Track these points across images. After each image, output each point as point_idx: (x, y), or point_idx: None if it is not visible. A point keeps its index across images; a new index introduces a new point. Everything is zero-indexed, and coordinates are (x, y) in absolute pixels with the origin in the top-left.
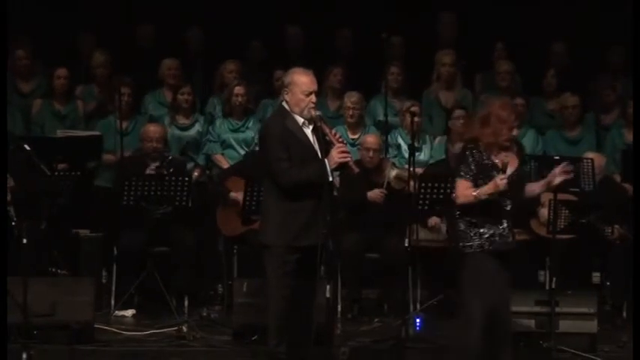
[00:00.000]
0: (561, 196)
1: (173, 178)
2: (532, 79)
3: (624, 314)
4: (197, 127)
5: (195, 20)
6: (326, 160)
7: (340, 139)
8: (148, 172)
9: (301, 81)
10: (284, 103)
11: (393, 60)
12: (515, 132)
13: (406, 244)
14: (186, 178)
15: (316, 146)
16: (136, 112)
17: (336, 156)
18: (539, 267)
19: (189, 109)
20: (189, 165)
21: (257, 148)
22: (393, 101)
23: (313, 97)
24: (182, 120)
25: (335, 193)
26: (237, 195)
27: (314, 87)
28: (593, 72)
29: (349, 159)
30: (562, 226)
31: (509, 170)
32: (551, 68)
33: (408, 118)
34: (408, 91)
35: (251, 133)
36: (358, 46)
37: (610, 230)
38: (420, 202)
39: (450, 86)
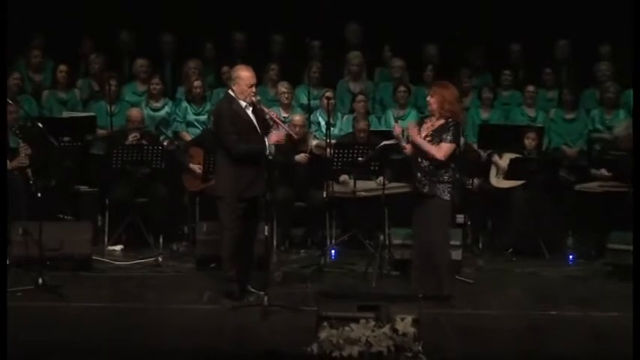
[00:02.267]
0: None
1: (150, 147)
2: (415, 72)
3: (480, 246)
4: (166, 109)
5: (167, 27)
6: (265, 138)
7: (277, 117)
8: (130, 142)
9: (245, 75)
10: (231, 92)
11: (314, 59)
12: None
13: (324, 195)
14: (160, 147)
15: (256, 123)
16: (121, 99)
17: (273, 138)
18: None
19: (160, 95)
20: (162, 137)
21: (210, 126)
22: (313, 89)
23: (254, 88)
24: (155, 103)
25: (270, 157)
26: (195, 167)
27: (254, 80)
28: (459, 67)
29: (282, 140)
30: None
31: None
32: (429, 64)
33: (325, 101)
34: (324, 82)
35: (207, 115)
36: (288, 47)
37: (470, 182)
38: (334, 164)
39: (357, 78)
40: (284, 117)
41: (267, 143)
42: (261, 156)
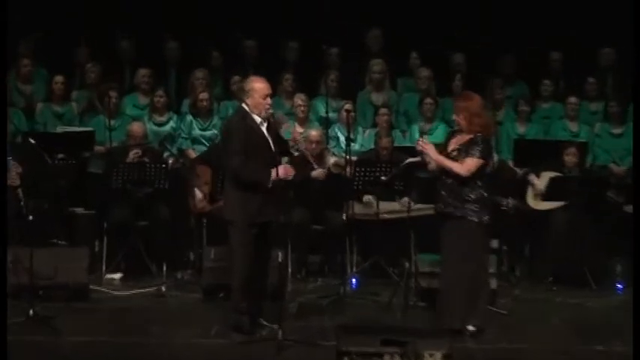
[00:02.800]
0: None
1: (153, 165)
2: (442, 81)
3: (516, 274)
4: (171, 124)
5: (171, 34)
6: (278, 168)
7: (297, 139)
8: (130, 160)
9: (259, 87)
10: (244, 105)
11: (332, 67)
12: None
13: (344, 218)
14: (163, 165)
15: (270, 140)
16: (121, 112)
17: (281, 172)
18: None
19: (164, 109)
20: (166, 154)
21: (219, 142)
22: (332, 101)
23: (269, 100)
24: (158, 118)
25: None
26: (197, 192)
27: (269, 91)
28: (489, 77)
29: (290, 176)
30: None
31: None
32: (457, 74)
33: (344, 115)
34: (344, 93)
35: (215, 130)
36: (304, 55)
37: (505, 203)
38: (355, 183)
39: (380, 89)
40: (299, 132)
41: (272, 174)
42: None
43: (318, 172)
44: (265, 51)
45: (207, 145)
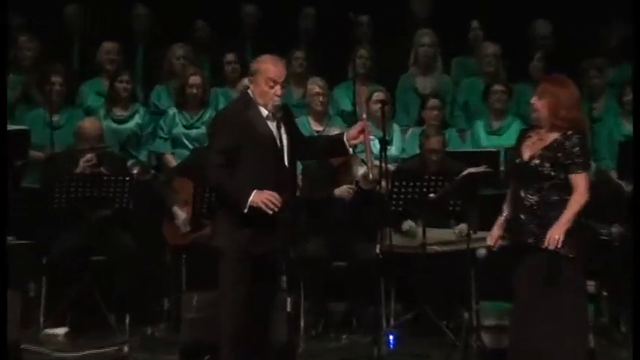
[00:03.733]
0: None
1: (112, 178)
2: (517, 62)
3: (622, 329)
4: (137, 119)
5: None
6: (254, 192)
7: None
8: (81, 170)
9: (266, 68)
10: (250, 91)
11: (362, 42)
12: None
13: (377, 251)
14: (127, 177)
15: (279, 141)
16: (69, 104)
17: (258, 199)
18: None
19: (128, 99)
20: (130, 162)
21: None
22: (361, 89)
23: (278, 89)
24: (120, 111)
25: (297, 193)
26: (179, 211)
27: (279, 77)
28: (584, 55)
29: (268, 210)
30: None
31: None
32: (537, 50)
33: (378, 107)
34: (377, 77)
35: (204, 130)
36: (322, 25)
37: (606, 231)
38: (394, 202)
39: (428, 71)
40: (316, 131)
41: (248, 202)
42: (282, 187)
43: (341, 190)
44: (270, 20)
45: (191, 148)
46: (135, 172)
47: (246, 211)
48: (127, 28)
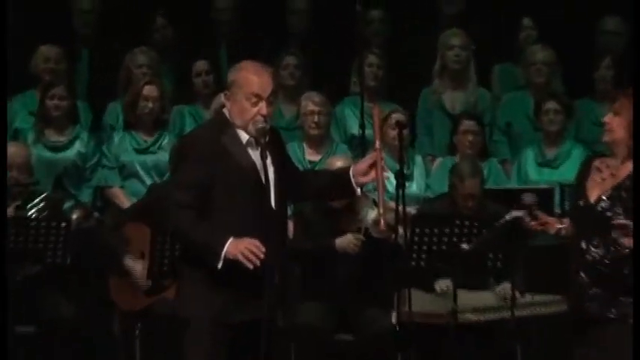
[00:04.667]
0: None
1: (43, 224)
2: (576, 69)
3: None
4: (77, 147)
5: None
6: (230, 240)
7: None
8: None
9: (247, 81)
10: (225, 111)
11: (372, 45)
12: None
13: (394, 320)
14: (63, 224)
15: (264, 174)
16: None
17: (236, 250)
18: None
19: (65, 120)
20: (68, 204)
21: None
22: (371, 106)
23: (262, 107)
24: (54, 136)
25: (287, 243)
26: (132, 264)
27: (264, 91)
28: None
29: (248, 264)
30: None
31: None
32: (605, 56)
33: (393, 132)
34: (394, 92)
35: (166, 155)
36: (319, 23)
37: None
38: (414, 256)
39: (460, 83)
40: (311, 161)
41: (223, 251)
42: (266, 236)
43: (345, 240)
44: (251, 17)
45: (149, 180)
46: (74, 216)
47: (219, 266)
48: (68, 28)
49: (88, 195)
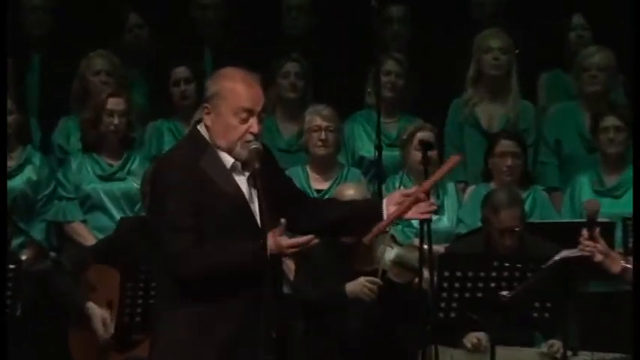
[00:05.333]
0: None
1: None
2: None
3: None
4: (28, 173)
5: None
6: (269, 239)
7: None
8: None
9: (235, 93)
10: (201, 128)
11: (391, 48)
12: None
13: None
14: (11, 266)
15: (255, 207)
16: None
17: (283, 245)
18: None
19: (11, 140)
20: (16, 242)
21: (143, 210)
22: (387, 122)
23: (254, 124)
24: None
25: (286, 289)
26: (98, 312)
27: (256, 104)
28: None
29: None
30: None
31: None
32: None
33: (417, 153)
34: (416, 105)
35: (137, 181)
36: (326, 22)
37: None
38: (443, 305)
39: (498, 94)
40: (318, 190)
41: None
42: (258, 281)
43: (358, 285)
44: (241, 14)
45: (116, 212)
46: (24, 256)
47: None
48: (15, 30)
49: (41, 231)
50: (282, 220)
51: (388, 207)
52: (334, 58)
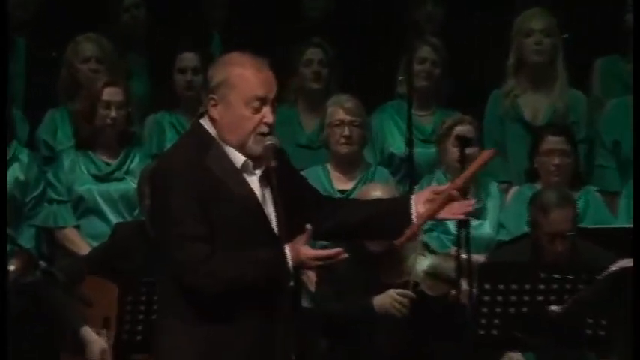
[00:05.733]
0: None
1: None
2: None
3: None
4: (15, 172)
5: None
6: (287, 248)
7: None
8: None
9: (244, 79)
10: (204, 122)
11: (424, 32)
12: None
13: None
14: None
15: (269, 210)
16: None
17: (308, 256)
18: None
19: None
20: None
21: (141, 214)
22: (421, 115)
23: (268, 114)
24: None
25: (306, 303)
26: (91, 334)
27: (270, 91)
28: None
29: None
30: None
31: None
32: None
33: (455, 150)
34: (452, 95)
35: (132, 181)
36: (351, 3)
37: None
38: (483, 322)
39: (543, 83)
40: (341, 190)
41: (289, 265)
42: (276, 294)
43: (387, 299)
44: None
45: (113, 216)
46: (12, 267)
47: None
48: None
49: (29, 238)
50: (308, 226)
51: (417, 206)
52: (360, 43)
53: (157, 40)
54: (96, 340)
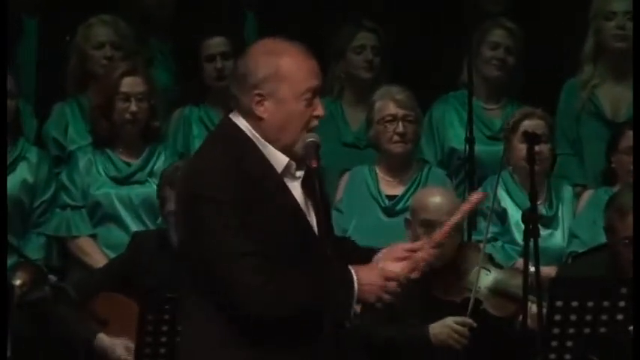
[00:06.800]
0: None
1: None
2: None
3: None
4: (22, 172)
5: None
6: (352, 272)
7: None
8: None
9: (296, 70)
10: (237, 119)
11: (491, 15)
12: None
13: None
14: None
15: (313, 220)
16: None
17: (374, 286)
18: None
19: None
20: (9, 261)
21: (166, 219)
22: (489, 109)
23: (318, 105)
24: None
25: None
26: (116, 345)
27: (320, 80)
28: None
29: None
30: None
31: None
32: None
33: (522, 147)
34: (522, 87)
35: (153, 183)
36: None
37: None
38: (555, 344)
39: (625, 73)
40: (390, 196)
41: (355, 293)
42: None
43: (444, 330)
44: None
45: (133, 224)
46: (18, 281)
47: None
48: None
49: (38, 248)
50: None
51: (386, 263)
52: (414, 25)
53: (183, 23)
54: (117, 342)
